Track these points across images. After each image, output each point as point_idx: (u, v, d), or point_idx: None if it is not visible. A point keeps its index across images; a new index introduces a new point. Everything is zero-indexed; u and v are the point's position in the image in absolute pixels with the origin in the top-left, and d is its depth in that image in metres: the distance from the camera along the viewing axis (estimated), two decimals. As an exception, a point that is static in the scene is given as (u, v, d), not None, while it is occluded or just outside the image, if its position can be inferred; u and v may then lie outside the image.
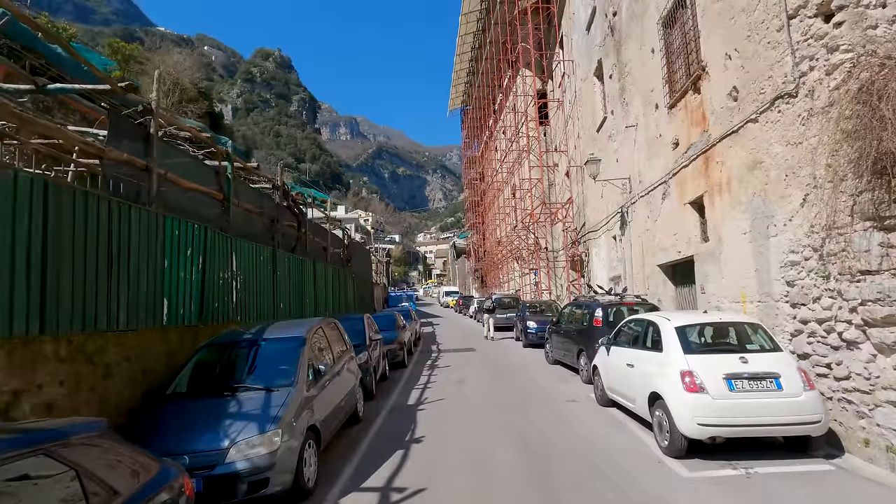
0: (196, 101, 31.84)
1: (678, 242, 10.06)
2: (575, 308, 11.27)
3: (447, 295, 52.15)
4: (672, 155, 10.17)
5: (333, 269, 14.58)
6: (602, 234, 16.59)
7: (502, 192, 33.29)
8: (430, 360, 14.18)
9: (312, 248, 12.94)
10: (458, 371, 12.06)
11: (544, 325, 15.91)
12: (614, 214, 14.74)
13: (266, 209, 10.23)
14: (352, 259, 17.34)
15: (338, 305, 15.03)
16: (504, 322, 23.20)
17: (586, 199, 18.61)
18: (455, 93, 45.48)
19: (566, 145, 20.29)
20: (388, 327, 13.69)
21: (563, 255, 22.70)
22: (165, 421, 4.69)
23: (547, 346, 12.71)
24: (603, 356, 7.73)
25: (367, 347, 9.42)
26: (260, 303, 9.20)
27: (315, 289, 12.66)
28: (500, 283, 36.56)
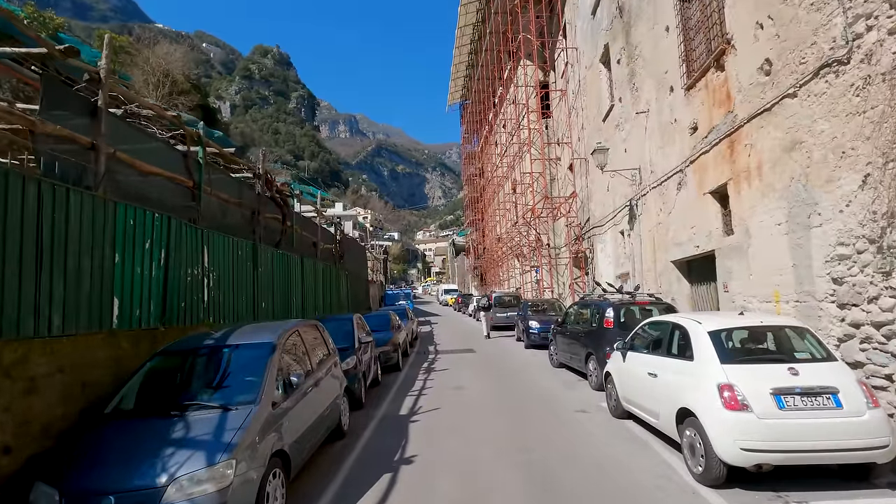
0: (188, 94, 30.98)
1: (696, 236, 9.21)
2: (582, 308, 10.43)
3: (446, 293, 51.30)
4: (689, 141, 9.32)
5: (324, 266, 13.74)
6: (608, 230, 15.76)
7: (502, 188, 32.43)
8: (426, 363, 13.35)
9: (300, 244, 12.11)
10: (457, 375, 11.22)
11: (548, 326, 15.08)
12: (622, 208, 13.90)
13: (246, 200, 9.38)
14: (345, 256, 16.48)
15: (329, 304, 14.19)
16: (504, 321, 22.38)
17: (591, 192, 17.76)
18: (454, 87, 44.53)
19: (569, 137, 19.43)
20: (382, 328, 12.86)
21: (565, 252, 21.86)
22: (98, 447, 3.85)
23: (551, 348, 11.88)
24: (617, 362, 6.89)
25: (356, 351, 8.59)
26: (237, 302, 8.36)
27: (303, 287, 11.83)
28: (500, 281, 35.72)
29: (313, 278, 12.57)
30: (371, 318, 13.33)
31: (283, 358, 5.02)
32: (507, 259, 32.49)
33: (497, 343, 17.74)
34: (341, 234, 16.23)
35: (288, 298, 10.67)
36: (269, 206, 10.28)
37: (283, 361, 4.96)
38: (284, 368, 4.89)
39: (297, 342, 5.60)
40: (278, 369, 4.75)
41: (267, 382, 4.45)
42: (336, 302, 15.16)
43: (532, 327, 15.25)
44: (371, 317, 13.48)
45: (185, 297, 6.83)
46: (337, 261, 15.83)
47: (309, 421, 5.18)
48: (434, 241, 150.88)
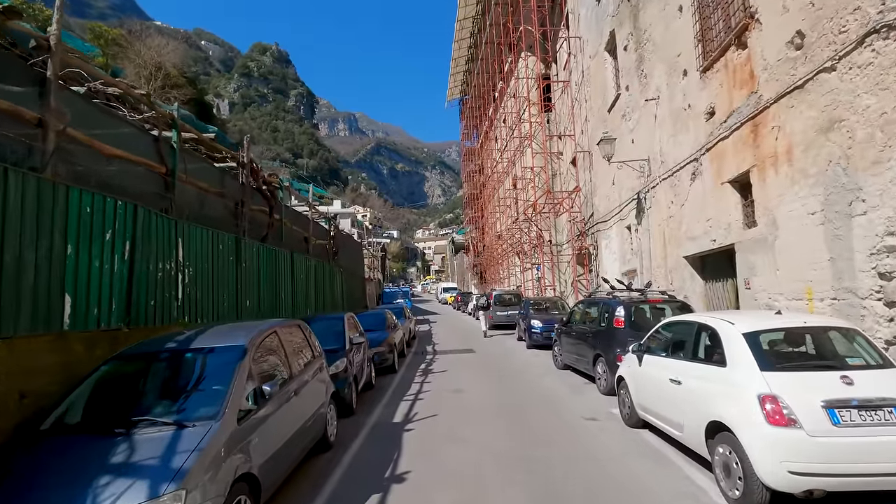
0: (181, 88, 30.30)
1: (713, 229, 8.58)
2: (588, 306, 9.80)
3: (445, 291, 50.66)
4: (705, 127, 8.68)
5: (317, 263, 13.10)
6: (613, 225, 15.13)
7: (502, 184, 31.79)
8: (424, 364, 12.72)
9: (290, 238, 11.46)
10: (456, 377, 10.59)
11: (550, 325, 14.46)
12: (629, 201, 13.26)
13: (229, 190, 8.72)
14: (339, 252, 15.82)
15: (322, 302, 13.56)
16: (505, 320, 21.76)
17: (595, 186, 17.13)
18: (453, 82, 43.87)
19: (572, 130, 18.78)
20: (377, 327, 12.23)
21: (568, 249, 21.24)
22: (26, 472, 3.21)
23: (555, 349, 11.25)
24: (632, 366, 6.26)
25: (346, 353, 7.95)
26: (218, 299, 7.71)
27: (293, 284, 11.19)
28: (500, 279, 35.10)
29: (304, 275, 11.93)
30: (366, 316, 12.71)
31: (257, 363, 4.39)
32: (507, 256, 31.88)
33: (498, 343, 17.12)
34: (335, 229, 15.58)
35: (276, 296, 10.03)
36: (255, 198, 9.63)
37: (256, 367, 4.32)
38: (257, 375, 4.26)
39: (274, 345, 4.96)
40: (249, 377, 4.11)
41: (233, 393, 3.81)
42: (330, 300, 14.52)
43: (534, 327, 14.62)
44: (366, 315, 12.85)
45: (156, 294, 6.19)
46: (331, 257, 15.18)
47: (287, 434, 4.54)
48: (433, 240, 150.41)
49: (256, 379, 4.21)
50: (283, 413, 4.54)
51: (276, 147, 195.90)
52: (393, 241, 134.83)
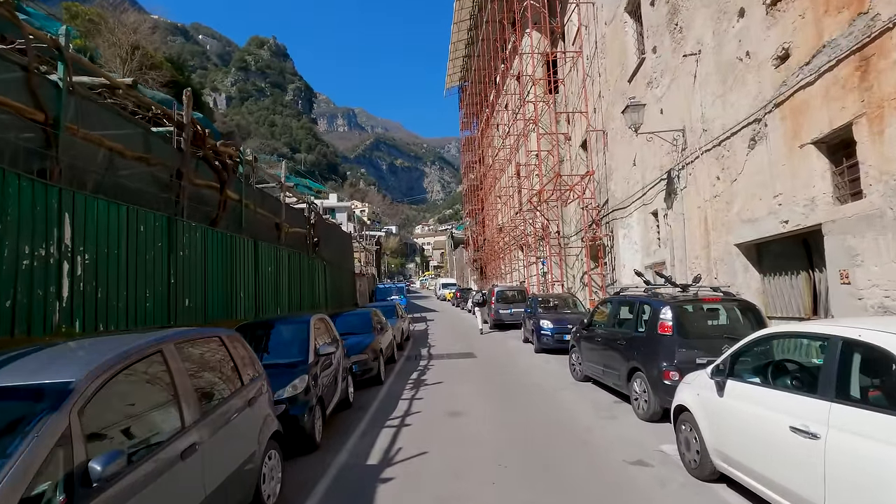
0: (159, 69, 28.28)
1: (783, 208, 6.67)
2: (618, 306, 7.88)
3: (444, 287, 48.76)
4: (773, 77, 6.76)
5: (291, 254, 11.19)
6: (634, 212, 13.23)
7: (504, 172, 29.84)
8: (416, 373, 10.83)
9: (256, 224, 9.55)
10: (453, 392, 8.71)
11: (563, 326, 12.59)
12: (655, 182, 11.35)
13: (160, 156, 6.78)
14: (321, 243, 13.87)
15: (298, 300, 11.66)
16: (508, 318, 19.88)
17: (611, 169, 15.22)
18: (452, 68, 41.81)
19: (585, 107, 16.83)
20: (361, 329, 10.36)
21: (577, 241, 19.33)
22: None
23: (573, 357, 9.36)
24: (703, 393, 4.37)
25: (310, 368, 6.06)
26: (135, 298, 5.80)
27: (258, 278, 9.28)
28: (502, 275, 33.21)
29: (274, 267, 10.03)
30: (348, 317, 10.83)
31: (98, 414, 2.48)
32: (509, 251, 29.97)
33: (501, 344, 15.22)
34: (316, 216, 13.61)
35: (230, 293, 8.11)
36: (203, 171, 7.72)
37: (94, 422, 2.42)
38: (84, 438, 2.35)
39: (151, 375, 3.05)
40: (64, 444, 2.21)
41: (13, 477, 1.91)
42: (309, 298, 12.64)
43: (544, 328, 12.73)
44: (348, 316, 10.97)
45: (24, 290, 4.28)
46: (311, 248, 13.26)
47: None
48: (433, 235, 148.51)
49: (83, 448, 2.29)
50: (164, 483, 2.65)
51: (273, 142, 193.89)
52: (391, 236, 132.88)
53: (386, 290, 24.77)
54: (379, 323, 11.08)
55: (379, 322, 11.19)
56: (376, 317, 11.32)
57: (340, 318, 10.81)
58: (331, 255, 15.68)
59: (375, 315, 11.38)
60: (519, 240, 25.83)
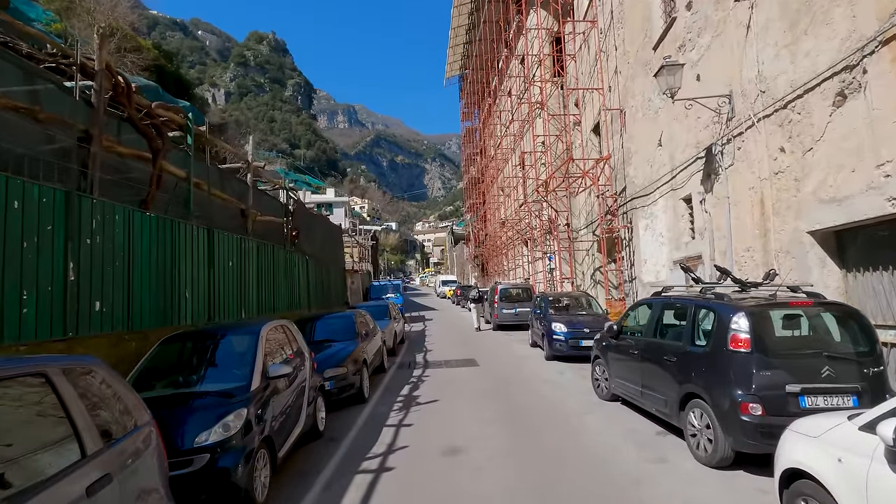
0: (138, 52, 26.54)
1: (891, 181, 4.98)
2: (662, 309, 6.18)
3: (444, 284, 47.04)
4: (879, 5, 5.06)
5: (262, 246, 9.49)
6: (659, 199, 11.54)
7: (508, 162, 28.11)
8: (408, 386, 9.18)
9: (212, 209, 7.84)
10: (451, 416, 7.06)
11: (578, 330, 10.94)
12: (689, 162, 9.67)
13: (54, 110, 5.06)
14: (301, 234, 12.14)
15: (272, 301, 9.99)
16: (513, 319, 18.24)
17: (630, 153, 13.52)
18: (453, 55, 40.03)
19: (600, 82, 15.09)
20: (343, 336, 8.71)
21: (588, 234, 17.64)
22: None
23: (597, 370, 7.68)
24: (857, 462, 2.70)
25: (253, 398, 4.39)
26: (3, 302, 4.12)
27: (213, 274, 7.59)
28: (505, 271, 31.54)
29: (237, 262, 8.35)
30: (328, 321, 9.18)
31: None
32: (512, 246, 28.28)
33: (505, 349, 13.56)
34: (295, 203, 11.85)
35: (170, 294, 6.42)
36: (128, 135, 6.02)
37: None
38: None
39: None
40: None
41: None
42: (287, 297, 10.97)
43: (556, 332, 11.07)
44: (329, 319, 9.31)
45: None
46: (289, 240, 11.57)
47: None
48: (433, 232, 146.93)
49: None
50: None
51: (272, 137, 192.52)
52: (391, 232, 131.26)
53: (381, 287, 23.10)
54: (365, 327, 9.41)
55: (365, 326, 9.52)
56: (362, 320, 9.66)
57: (320, 323, 9.18)
58: (316, 249, 13.99)
59: (361, 318, 9.71)
60: (523, 234, 24.14)
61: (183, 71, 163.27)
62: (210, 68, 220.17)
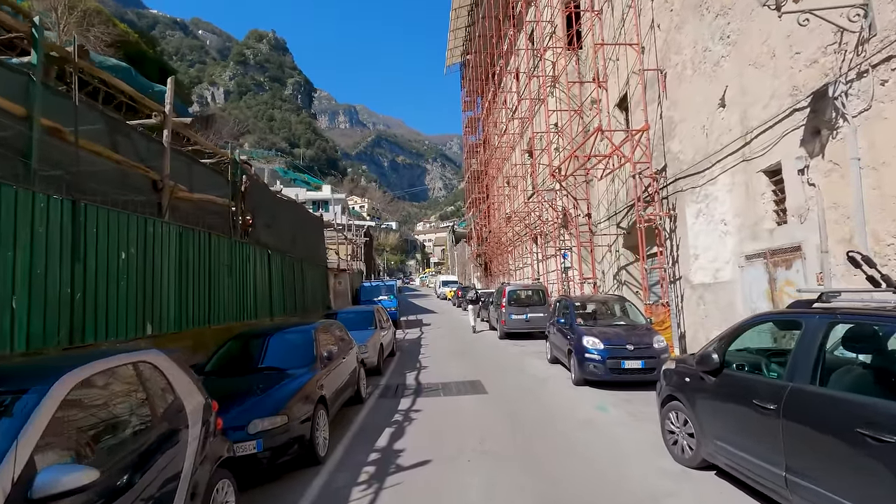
0: (106, 25, 23.94)
1: None
2: (826, 333, 3.47)
3: (444, 285, 44.33)
4: None
5: (185, 233, 6.74)
6: (721, 175, 8.88)
7: (514, 150, 25.43)
8: (388, 432, 6.52)
9: (81, 172, 5.08)
10: (447, 500, 4.40)
11: (619, 347, 8.28)
12: (779, 118, 6.99)
13: None
14: (258, 221, 9.36)
15: (206, 308, 7.29)
16: (523, 326, 15.61)
17: (672, 122, 10.87)
18: (454, 40, 37.40)
19: (636, 37, 12.35)
20: (294, 361, 6.06)
21: (610, 226, 14.97)
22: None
23: (673, 419, 5.00)
24: None
25: None
26: None
27: (78, 271, 4.87)
28: (510, 271, 28.87)
29: (139, 253, 5.66)
30: (275, 340, 6.48)
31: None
32: (520, 242, 25.59)
33: (518, 364, 10.87)
34: (249, 181, 9.04)
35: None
36: None
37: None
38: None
39: None
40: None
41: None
42: (236, 301, 8.30)
43: (589, 349, 8.38)
44: (279, 337, 6.60)
45: None
46: (240, 229, 8.85)
47: None
48: (434, 232, 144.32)
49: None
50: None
51: (272, 136, 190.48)
52: (391, 232, 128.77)
53: (372, 288, 20.48)
54: (331, 346, 6.72)
55: (331, 344, 6.83)
56: (327, 336, 6.97)
57: (264, 342, 6.49)
58: (284, 242, 11.31)
59: (326, 333, 7.02)
60: (533, 228, 21.45)
61: (182, 70, 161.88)
62: (209, 67, 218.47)
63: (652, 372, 8.05)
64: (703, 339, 9.84)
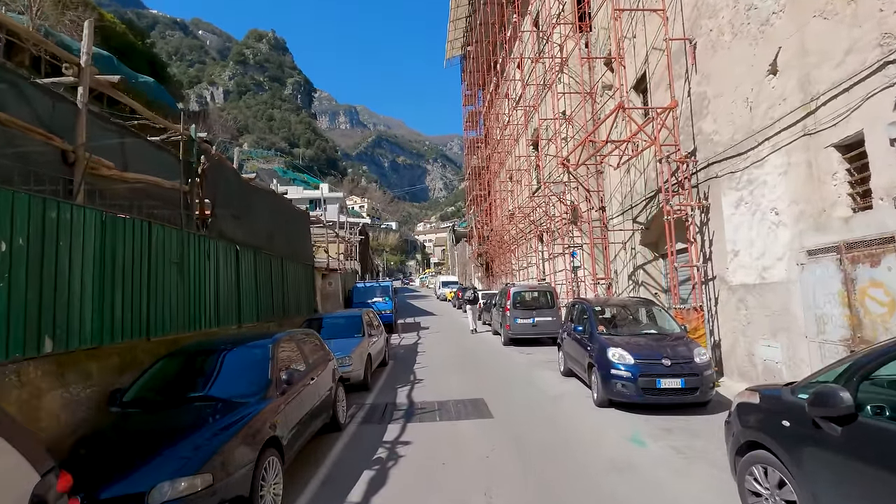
0: (85, 9, 22.49)
1: None
2: None
3: (444, 286, 42.80)
4: None
5: (110, 221, 5.27)
6: (771, 154, 7.42)
7: (518, 142, 23.96)
8: (365, 478, 5.07)
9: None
10: None
11: (654, 362, 6.81)
12: (860, 75, 5.53)
13: None
14: (218, 210, 7.85)
15: (145, 314, 5.83)
16: (529, 332, 14.19)
17: (704, 99, 9.42)
18: (454, 30, 35.91)
19: (662, 1, 10.87)
20: (241, 388, 4.62)
21: (624, 222, 13.50)
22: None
23: (759, 478, 3.54)
24: None
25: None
26: None
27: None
28: (512, 271, 27.40)
29: (31, 249, 4.23)
30: (224, 357, 5.02)
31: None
32: (524, 240, 24.11)
33: (526, 377, 9.40)
34: (209, 161, 7.50)
35: None
36: None
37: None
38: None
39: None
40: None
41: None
42: (189, 306, 6.85)
43: (616, 363, 6.91)
44: (234, 352, 5.14)
45: None
46: (197, 218, 7.36)
47: None
48: (434, 232, 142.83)
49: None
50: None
51: (271, 136, 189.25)
52: (391, 232, 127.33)
53: (366, 290, 19.03)
54: (289, 370, 5.23)
55: (292, 367, 5.36)
56: (288, 354, 5.49)
57: (215, 360, 5.03)
58: (257, 237, 9.83)
59: (287, 350, 5.54)
60: (539, 225, 19.97)
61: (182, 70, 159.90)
62: (209, 67, 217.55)
63: (694, 392, 6.60)
64: (745, 350, 8.38)
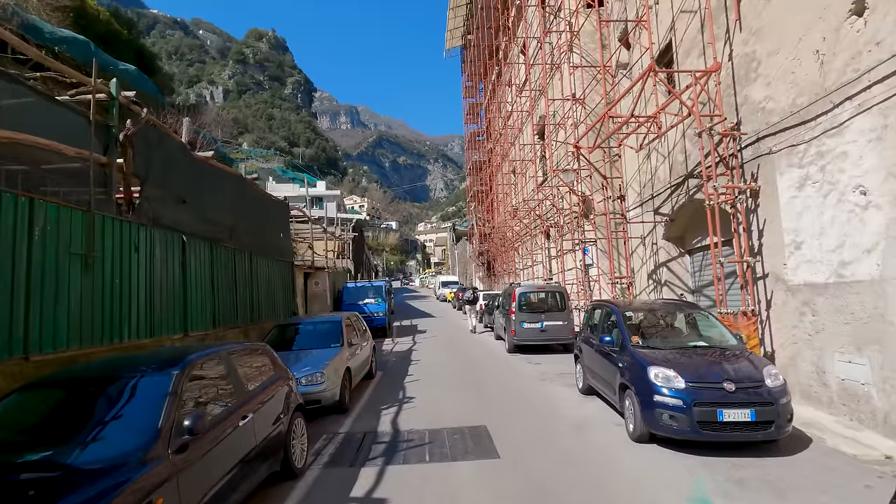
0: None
1: None
2: None
3: (444, 286, 41.12)
4: None
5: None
6: (854, 118, 5.73)
7: (521, 133, 22.28)
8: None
9: None
10: None
11: (713, 386, 5.05)
12: None
13: None
14: (151, 191, 6.14)
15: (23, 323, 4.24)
16: (537, 338, 12.56)
17: (754, 60, 7.75)
18: (454, 18, 34.26)
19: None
20: (100, 452, 2.94)
21: (644, 213, 11.84)
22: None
23: None
24: None
25: None
26: None
27: None
28: (516, 271, 25.73)
29: None
30: (84, 398, 3.37)
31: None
32: (529, 236, 22.42)
33: (539, 397, 7.72)
34: (130, 129, 5.84)
35: None
36: None
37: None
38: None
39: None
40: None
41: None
42: (105, 316, 5.20)
43: (660, 387, 5.22)
44: (101, 391, 3.49)
45: None
46: (125, 198, 5.69)
47: None
48: (434, 232, 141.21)
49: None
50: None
51: (271, 136, 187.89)
52: (392, 232, 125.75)
53: (357, 290, 17.39)
54: (193, 416, 3.56)
55: (223, 401, 3.70)
56: (200, 383, 3.83)
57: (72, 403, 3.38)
58: (214, 227, 8.15)
59: (200, 379, 3.87)
60: (546, 219, 18.29)
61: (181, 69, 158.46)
62: (208, 66, 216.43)
63: (768, 428, 4.90)
64: (811, 366, 6.71)
